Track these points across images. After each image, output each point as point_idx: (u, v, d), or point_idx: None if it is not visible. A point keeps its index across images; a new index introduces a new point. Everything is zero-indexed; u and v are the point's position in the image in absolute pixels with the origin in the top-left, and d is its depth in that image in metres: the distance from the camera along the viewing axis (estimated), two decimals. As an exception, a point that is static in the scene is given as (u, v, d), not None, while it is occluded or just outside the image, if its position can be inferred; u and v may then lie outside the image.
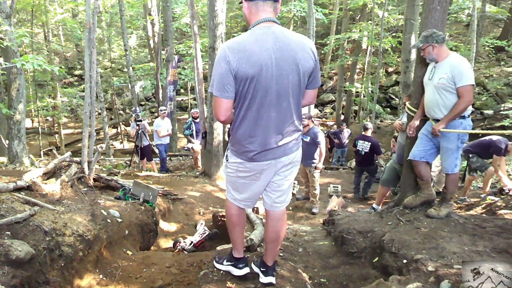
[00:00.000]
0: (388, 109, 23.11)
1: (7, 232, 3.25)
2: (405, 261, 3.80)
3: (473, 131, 4.60)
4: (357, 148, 9.05)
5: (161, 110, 11.53)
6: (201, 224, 5.83)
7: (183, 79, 19.25)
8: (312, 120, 7.97)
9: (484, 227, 4.34)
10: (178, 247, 5.34)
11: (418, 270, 3.58)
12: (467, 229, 4.30)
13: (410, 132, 4.70)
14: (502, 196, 7.05)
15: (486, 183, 7.41)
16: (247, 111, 2.54)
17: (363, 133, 9.31)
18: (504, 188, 7.32)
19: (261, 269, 3.00)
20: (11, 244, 3.03)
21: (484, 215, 5.90)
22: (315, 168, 7.92)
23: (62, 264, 3.46)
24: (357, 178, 9.59)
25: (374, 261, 4.22)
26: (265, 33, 2.46)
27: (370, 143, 8.91)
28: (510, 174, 8.48)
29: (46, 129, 22.46)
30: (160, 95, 16.96)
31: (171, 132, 11.96)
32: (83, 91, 12.48)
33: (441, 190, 5.42)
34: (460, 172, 4.62)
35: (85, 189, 5.25)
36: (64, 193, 4.48)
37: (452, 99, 4.19)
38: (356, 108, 23.62)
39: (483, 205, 6.56)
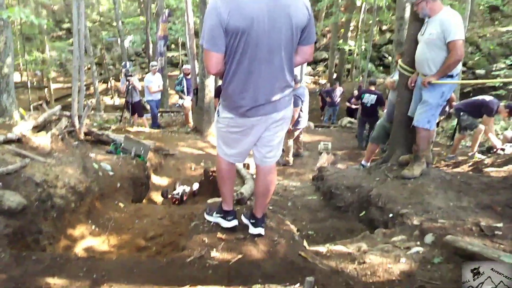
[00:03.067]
0: (381, 67, 22.94)
1: (-1, 183, 3.28)
2: (391, 215, 3.92)
3: (463, 82, 4.60)
4: (363, 101, 9.62)
5: (152, 66, 11.36)
6: (179, 185, 5.96)
7: (174, 35, 18.88)
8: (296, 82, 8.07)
9: (470, 184, 4.44)
10: (174, 195, 5.52)
11: (403, 224, 3.70)
12: (453, 185, 4.40)
13: (412, 85, 4.65)
14: (490, 155, 7.18)
15: (474, 142, 7.52)
16: (238, 66, 2.52)
17: (369, 87, 10.12)
18: (492, 147, 7.45)
19: (251, 221, 3.07)
20: (3, 195, 3.07)
21: (470, 172, 6.03)
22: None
23: (54, 215, 3.51)
24: (360, 129, 10.20)
25: (360, 215, 4.33)
26: None
27: (376, 96, 9.44)
28: (498, 134, 8.58)
29: (35, 83, 22.11)
30: (151, 50, 16.69)
31: (162, 88, 11.85)
32: (72, 45, 12.22)
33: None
34: (450, 130, 4.65)
35: (76, 142, 5.26)
36: (55, 146, 4.49)
37: (442, 54, 4.17)
38: (349, 66, 23.44)
39: (471, 163, 6.68)
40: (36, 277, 2.51)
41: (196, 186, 5.84)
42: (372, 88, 10.03)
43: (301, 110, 8.10)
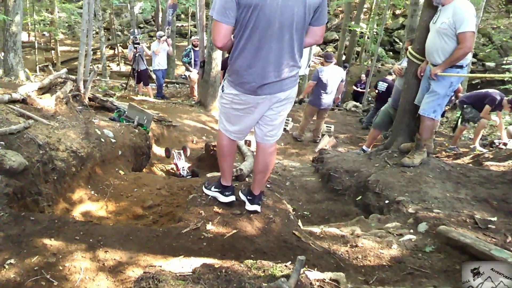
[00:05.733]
0: (391, 52, 22.70)
1: (1, 142, 3.31)
2: (387, 201, 3.94)
3: (472, 75, 4.57)
4: (378, 88, 10.13)
5: (159, 35, 11.13)
6: (176, 153, 6.07)
7: (184, 4, 18.63)
8: (326, 60, 8.11)
9: (469, 176, 4.46)
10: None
11: (398, 211, 3.73)
12: (452, 176, 4.41)
13: (422, 74, 4.62)
14: (491, 149, 7.18)
15: (477, 135, 7.51)
16: (247, 41, 2.50)
17: (386, 77, 10.59)
18: (495, 141, 7.44)
19: (248, 197, 3.10)
20: (5, 154, 3.10)
21: (470, 165, 6.04)
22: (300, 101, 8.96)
23: (55, 178, 3.55)
24: (372, 112, 10.53)
25: (357, 199, 4.36)
26: None
27: (387, 84, 9.72)
28: (505, 127, 8.56)
29: (42, 44, 21.92)
30: (160, 19, 16.48)
31: (171, 52, 11.80)
32: (81, 8, 12.10)
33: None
34: (454, 122, 4.63)
35: (80, 107, 5.27)
36: (59, 109, 4.51)
37: (452, 45, 4.12)
38: (359, 49, 23.19)
39: (471, 156, 6.69)
40: (33, 237, 2.56)
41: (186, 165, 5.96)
42: (389, 77, 10.27)
43: (322, 89, 8.01)
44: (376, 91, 10.33)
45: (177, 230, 2.78)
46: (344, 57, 20.55)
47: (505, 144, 7.22)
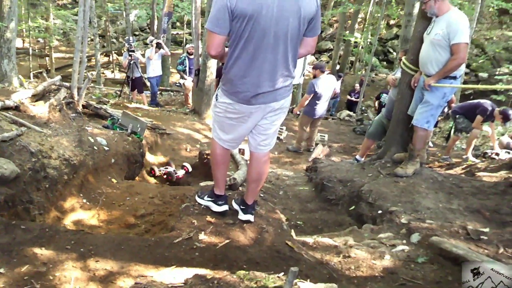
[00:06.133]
0: (385, 62, 22.89)
1: (-7, 150, 3.28)
2: (380, 211, 3.95)
3: (465, 86, 4.61)
4: (381, 100, 10.26)
5: (150, 41, 11.14)
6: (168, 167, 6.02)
7: (180, 12, 18.69)
8: (321, 71, 7.97)
9: (461, 186, 4.48)
10: (165, 171, 5.67)
11: (391, 221, 3.73)
12: (444, 187, 4.43)
13: (415, 85, 4.64)
14: (484, 159, 7.21)
15: (469, 145, 7.55)
16: (242, 51, 2.51)
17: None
18: (487, 151, 7.49)
19: (241, 207, 3.09)
20: (-4, 162, 3.07)
21: (463, 175, 6.07)
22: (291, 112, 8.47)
23: (47, 186, 3.53)
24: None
25: (350, 209, 4.37)
26: None
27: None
28: (497, 138, 8.62)
29: (37, 50, 21.88)
30: (155, 27, 16.52)
31: (169, 53, 11.81)
32: (76, 15, 12.11)
33: None
34: (446, 132, 4.66)
35: (74, 114, 5.24)
36: (52, 117, 4.49)
37: (446, 56, 4.16)
38: (353, 59, 23.33)
39: (464, 166, 6.72)
40: (23, 246, 2.53)
41: (181, 172, 5.87)
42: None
43: (317, 100, 8.02)
44: (377, 102, 10.63)
45: (169, 239, 2.76)
46: (338, 67, 20.66)
47: (497, 154, 7.27)
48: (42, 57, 21.51)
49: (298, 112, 8.69)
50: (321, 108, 8.16)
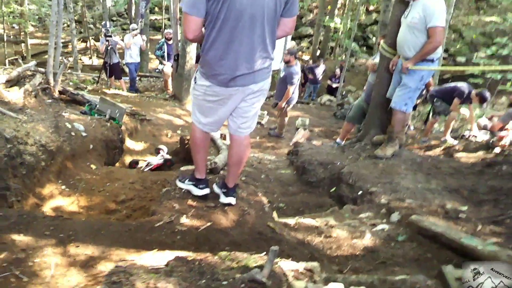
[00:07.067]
0: (365, 48, 22.93)
1: (-33, 136, 3.19)
2: (360, 192, 4.00)
3: (442, 68, 4.65)
4: None
5: (132, 28, 11.01)
6: (161, 152, 5.86)
7: (158, -3, 18.39)
8: (295, 57, 7.87)
9: (439, 167, 4.56)
10: (135, 167, 5.38)
11: (371, 201, 3.78)
12: (423, 168, 4.51)
13: (393, 68, 4.68)
14: (462, 141, 7.34)
15: (447, 128, 7.66)
16: (218, 33, 2.48)
17: None
18: (465, 133, 7.63)
19: (222, 190, 3.09)
20: (-30, 148, 2.99)
21: (441, 156, 6.18)
22: (276, 105, 8.08)
23: (24, 172, 3.46)
24: None
25: (331, 191, 4.41)
26: None
27: None
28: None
29: (12, 37, 21.29)
30: (133, 12, 16.24)
31: (144, 46, 11.64)
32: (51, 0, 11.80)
33: None
34: (425, 114, 4.72)
35: (50, 100, 5.14)
36: (27, 103, 4.39)
37: (422, 39, 4.20)
38: (333, 44, 23.34)
39: (442, 148, 6.84)
40: (1, 233, 2.48)
41: (156, 160, 5.63)
42: None
43: (295, 88, 8.01)
44: None
45: (150, 224, 2.74)
46: (318, 52, 20.65)
47: (475, 137, 7.40)
48: (18, 43, 20.96)
49: (283, 106, 8.16)
50: (296, 94, 8.27)
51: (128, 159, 6.01)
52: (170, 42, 10.75)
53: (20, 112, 4.14)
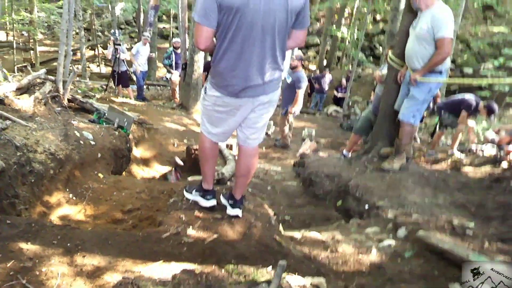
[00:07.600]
0: (371, 57, 22.94)
1: (-23, 144, 3.22)
2: (367, 206, 3.98)
3: (450, 80, 4.64)
4: None
5: (143, 35, 11.17)
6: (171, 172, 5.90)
7: (166, 6, 18.54)
8: (302, 63, 7.88)
9: (447, 181, 4.54)
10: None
11: (378, 216, 3.76)
12: (430, 182, 4.48)
13: (402, 79, 4.67)
14: (469, 154, 7.30)
15: (454, 141, 7.62)
16: (230, 44, 2.50)
17: None
18: (472, 146, 7.58)
19: (229, 201, 3.09)
20: (-20, 156, 3.02)
21: (448, 170, 6.14)
22: (287, 111, 7.99)
23: (33, 180, 3.48)
24: None
25: (337, 204, 4.39)
26: None
27: None
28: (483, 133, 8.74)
29: (21, 44, 21.49)
30: (141, 20, 16.38)
31: (152, 55, 11.72)
32: (61, 7, 11.88)
33: None
34: (432, 127, 4.70)
35: (59, 108, 5.17)
36: (37, 110, 4.42)
37: (431, 50, 4.18)
38: (340, 54, 23.38)
39: (449, 161, 6.80)
40: (9, 241, 2.49)
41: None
42: None
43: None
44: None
45: (157, 234, 2.74)
46: (325, 62, 20.69)
47: (482, 151, 7.35)
48: (27, 50, 21.14)
49: (293, 111, 8.01)
50: (300, 102, 8.13)
51: (135, 168, 6.03)
52: (178, 51, 10.83)
53: (30, 120, 4.17)
